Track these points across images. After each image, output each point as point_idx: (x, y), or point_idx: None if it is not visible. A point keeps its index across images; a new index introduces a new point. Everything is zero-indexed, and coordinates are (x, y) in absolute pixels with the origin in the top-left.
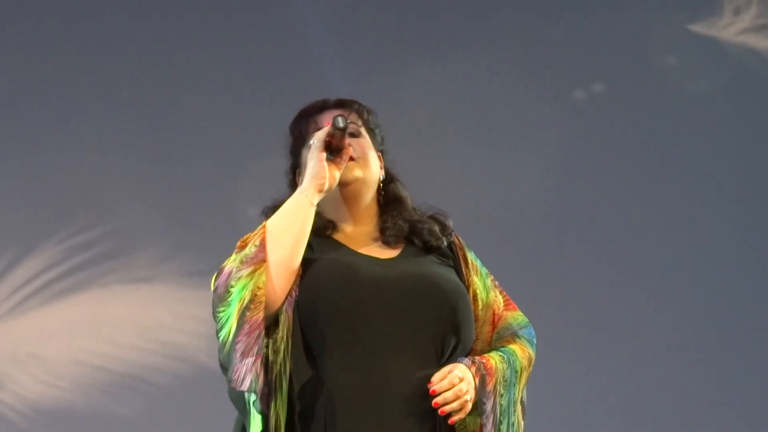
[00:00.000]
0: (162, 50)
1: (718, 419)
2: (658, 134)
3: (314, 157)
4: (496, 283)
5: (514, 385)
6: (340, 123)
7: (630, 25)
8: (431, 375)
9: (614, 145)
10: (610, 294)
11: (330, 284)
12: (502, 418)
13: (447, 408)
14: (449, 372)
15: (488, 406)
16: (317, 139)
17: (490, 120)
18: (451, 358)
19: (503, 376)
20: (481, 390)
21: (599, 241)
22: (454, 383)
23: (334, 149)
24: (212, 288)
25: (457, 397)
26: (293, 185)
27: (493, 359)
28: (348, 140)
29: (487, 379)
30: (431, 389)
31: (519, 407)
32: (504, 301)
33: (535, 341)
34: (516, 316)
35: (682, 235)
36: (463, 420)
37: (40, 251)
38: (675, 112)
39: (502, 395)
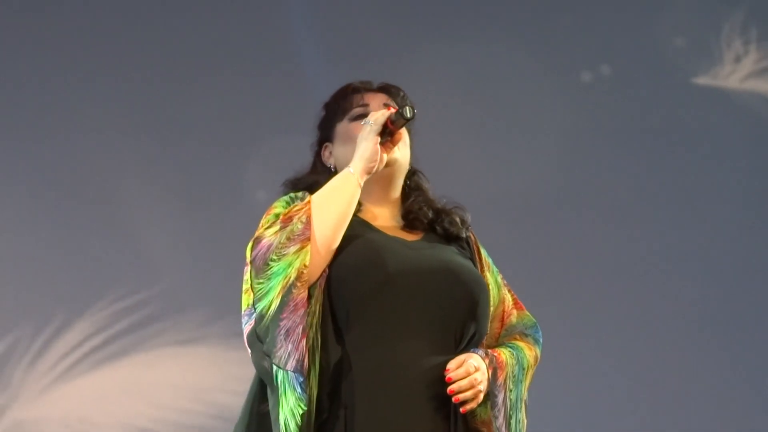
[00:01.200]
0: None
1: (720, 419)
2: (665, 116)
3: (370, 139)
4: (505, 281)
5: (521, 382)
6: (408, 113)
7: (637, 7)
8: (448, 361)
9: (621, 127)
10: (618, 276)
11: (361, 262)
12: (511, 413)
13: (461, 396)
14: (465, 361)
15: (499, 399)
16: (375, 121)
17: (497, 103)
18: (468, 346)
19: (512, 371)
20: (492, 382)
21: (606, 223)
22: (470, 372)
23: (387, 134)
24: (248, 258)
25: (472, 386)
26: (318, 157)
27: (504, 354)
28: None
29: (499, 372)
30: (447, 376)
31: (523, 405)
32: (513, 300)
33: (541, 341)
34: (524, 316)
35: (690, 217)
36: (475, 410)
37: (89, 315)
38: (682, 95)
39: (511, 390)
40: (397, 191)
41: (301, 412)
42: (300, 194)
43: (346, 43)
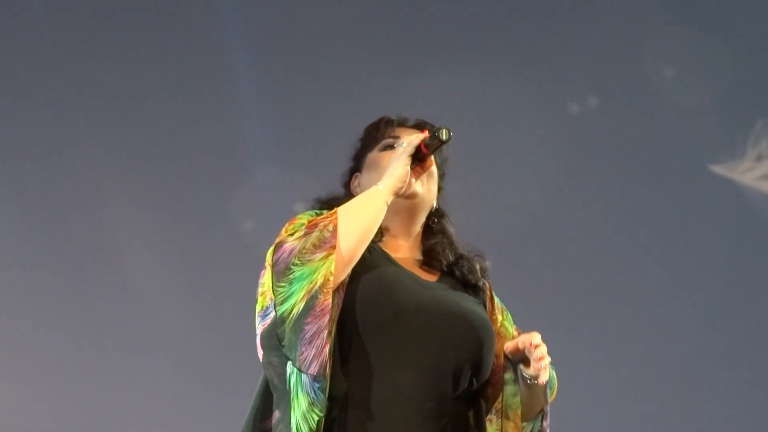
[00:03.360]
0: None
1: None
2: (652, 147)
3: (401, 160)
4: (518, 328)
5: (547, 403)
6: (444, 135)
7: (625, 39)
8: (444, 402)
9: (608, 158)
10: (603, 304)
11: (373, 293)
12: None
13: (542, 363)
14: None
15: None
16: (409, 144)
17: (485, 133)
18: (466, 390)
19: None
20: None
21: (593, 253)
22: (540, 342)
23: (419, 158)
24: (269, 262)
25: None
26: (347, 187)
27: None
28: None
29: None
30: (538, 338)
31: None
32: None
33: (555, 386)
34: None
35: (676, 247)
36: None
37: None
38: (669, 126)
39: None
40: (417, 226)
41: (317, 418)
42: (325, 212)
43: (340, 81)
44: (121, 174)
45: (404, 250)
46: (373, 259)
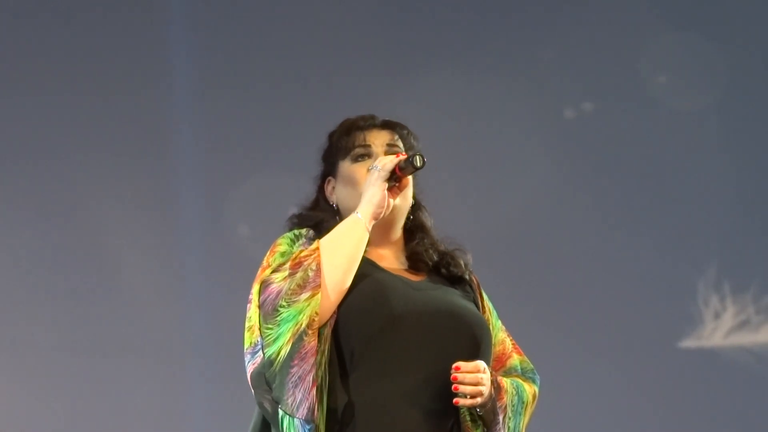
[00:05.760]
0: None
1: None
2: (648, 153)
3: (378, 185)
4: (504, 327)
5: (520, 414)
6: (419, 163)
7: (620, 44)
8: (448, 404)
9: (603, 163)
10: (600, 310)
11: (367, 303)
12: None
13: (461, 387)
14: (477, 363)
15: (500, 418)
16: (383, 168)
17: (480, 138)
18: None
19: (512, 400)
20: (495, 400)
21: (588, 257)
22: (479, 369)
23: (394, 179)
24: (255, 301)
25: (476, 383)
26: (321, 192)
27: (505, 382)
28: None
29: (501, 394)
30: (456, 365)
31: None
32: (512, 345)
33: (539, 384)
34: (523, 361)
35: (672, 253)
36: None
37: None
38: (664, 131)
39: (510, 418)
40: (397, 233)
41: None
42: (305, 231)
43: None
44: (116, 177)
45: (389, 258)
46: (362, 270)
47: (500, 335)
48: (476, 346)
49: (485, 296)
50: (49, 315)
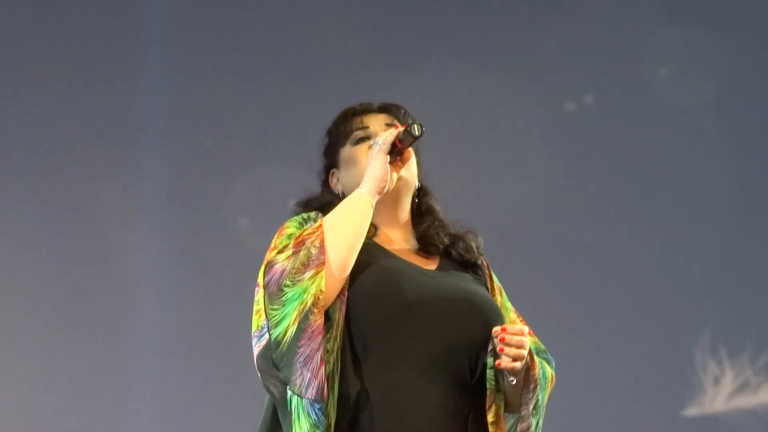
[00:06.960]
0: None
1: None
2: (648, 146)
3: (380, 159)
4: (515, 308)
5: (544, 389)
6: (417, 131)
7: (621, 37)
8: (462, 391)
9: (604, 156)
10: (599, 303)
11: (379, 290)
12: (535, 411)
13: (506, 349)
14: (523, 327)
15: (531, 387)
16: (384, 141)
17: (481, 131)
18: (483, 376)
19: (541, 374)
20: (528, 371)
21: (590, 251)
22: (524, 333)
23: (396, 152)
24: (261, 283)
25: (520, 346)
26: (326, 185)
27: (534, 356)
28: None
29: (534, 364)
30: (502, 327)
31: (543, 416)
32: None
33: (554, 367)
34: (535, 342)
35: (672, 246)
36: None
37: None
38: (665, 124)
39: (539, 390)
40: (405, 211)
41: None
42: (313, 214)
43: (335, 77)
44: (117, 172)
45: (399, 241)
46: (371, 255)
47: (511, 316)
48: (489, 332)
49: (495, 277)
50: (50, 312)
